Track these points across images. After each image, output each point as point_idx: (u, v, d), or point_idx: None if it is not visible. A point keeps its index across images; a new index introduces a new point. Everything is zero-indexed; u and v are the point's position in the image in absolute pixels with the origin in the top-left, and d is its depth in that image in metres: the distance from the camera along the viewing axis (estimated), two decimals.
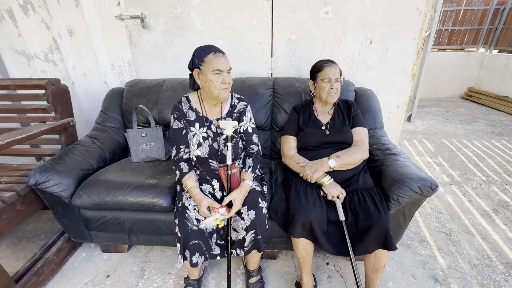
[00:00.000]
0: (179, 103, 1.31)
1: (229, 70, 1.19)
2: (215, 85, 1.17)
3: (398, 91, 2.01)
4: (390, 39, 1.85)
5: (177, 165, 1.29)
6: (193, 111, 1.30)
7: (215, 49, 1.17)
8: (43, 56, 2.03)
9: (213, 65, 1.14)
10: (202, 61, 1.16)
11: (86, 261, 1.64)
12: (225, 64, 1.16)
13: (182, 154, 1.30)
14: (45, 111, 1.54)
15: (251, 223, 1.19)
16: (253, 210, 1.21)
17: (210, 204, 1.19)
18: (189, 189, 1.24)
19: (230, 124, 1.24)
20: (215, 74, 1.15)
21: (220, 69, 1.14)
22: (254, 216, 1.20)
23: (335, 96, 1.44)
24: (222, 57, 1.16)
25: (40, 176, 1.35)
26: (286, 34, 1.88)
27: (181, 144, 1.29)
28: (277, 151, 1.83)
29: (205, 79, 1.18)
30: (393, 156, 1.46)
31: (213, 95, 1.21)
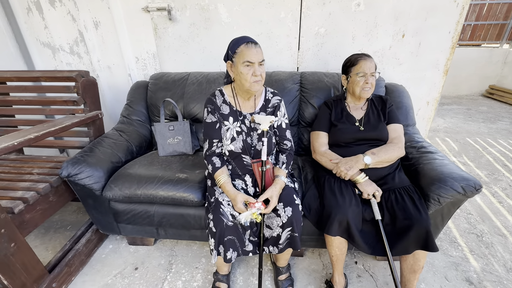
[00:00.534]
0: (212, 96, 1.29)
1: (261, 62, 1.15)
2: (245, 77, 1.14)
3: (429, 87, 1.94)
4: (424, 33, 1.77)
5: (209, 159, 1.28)
6: (227, 105, 1.28)
7: (248, 40, 1.14)
8: (68, 49, 2.03)
9: (244, 56, 1.11)
10: (234, 52, 1.14)
11: (113, 253, 1.65)
12: (256, 55, 1.12)
13: (215, 149, 1.28)
14: (75, 103, 1.54)
15: (288, 220, 1.17)
16: (289, 207, 1.18)
17: (245, 199, 1.17)
18: (221, 184, 1.22)
19: (266, 119, 1.21)
20: (245, 66, 1.12)
21: (250, 60, 1.11)
22: (291, 213, 1.17)
23: (369, 91, 1.40)
24: (254, 48, 1.12)
25: (73, 168, 1.35)
26: (315, 27, 1.83)
27: (214, 138, 1.27)
28: (303, 147, 1.80)
29: (236, 71, 1.16)
30: (429, 155, 1.41)
31: (244, 88, 1.18)
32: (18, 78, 1.53)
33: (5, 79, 1.60)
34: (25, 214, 1.23)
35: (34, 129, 1.24)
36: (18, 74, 1.53)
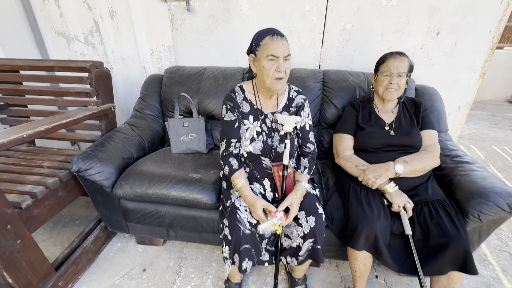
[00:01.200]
0: (232, 92, 1.20)
1: (286, 56, 1.05)
2: (267, 72, 1.04)
3: (462, 91, 1.79)
4: (460, 31, 1.63)
5: (226, 160, 1.19)
6: (247, 103, 1.19)
7: (274, 31, 1.04)
8: (83, 39, 1.98)
9: (268, 49, 1.01)
10: (258, 45, 1.05)
11: (121, 252, 1.59)
12: (282, 48, 1.02)
13: (233, 149, 1.19)
14: (88, 95, 1.48)
15: (310, 230, 1.07)
16: (312, 217, 1.08)
17: (265, 206, 1.08)
18: (239, 188, 1.14)
19: (291, 119, 1.11)
20: (269, 60, 1.03)
21: (274, 54, 1.01)
22: (314, 223, 1.07)
23: (393, 93, 1.28)
24: (280, 40, 1.02)
25: (83, 163, 1.29)
26: (341, 22, 1.71)
27: (232, 138, 1.18)
28: (324, 150, 1.69)
29: (259, 65, 1.07)
30: (466, 165, 1.28)
31: (265, 84, 1.09)
32: (31, 67, 1.48)
33: (18, 68, 1.55)
34: (33, 210, 1.18)
35: (45, 121, 1.18)
36: (31, 63, 1.48)
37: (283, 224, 1.06)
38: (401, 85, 1.27)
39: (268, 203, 1.08)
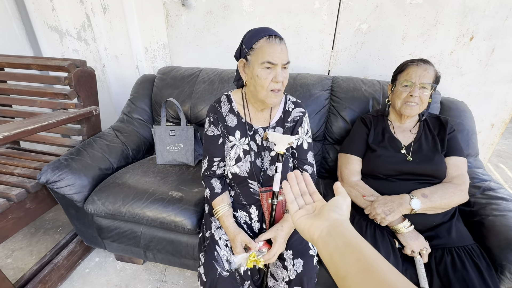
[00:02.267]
0: (217, 102, 1.02)
1: (285, 64, 0.86)
2: (262, 83, 0.85)
3: (497, 106, 1.52)
4: (500, 36, 1.36)
5: (208, 182, 1.02)
6: (235, 115, 1.00)
7: (271, 32, 0.85)
8: (76, 34, 1.86)
9: (264, 55, 0.82)
10: (250, 48, 0.85)
11: (98, 269, 1.46)
12: (281, 55, 0.83)
13: (216, 169, 1.01)
14: (66, 97, 1.34)
15: (297, 277, 0.87)
16: (301, 259, 0.89)
17: (247, 242, 0.89)
18: (220, 216, 0.96)
19: (284, 139, 0.91)
20: (264, 68, 0.84)
21: (272, 61, 0.82)
22: (302, 268, 0.88)
23: (414, 108, 1.05)
24: (278, 44, 0.83)
25: (52, 174, 1.15)
26: (356, 22, 1.48)
27: (215, 156, 1.00)
28: (328, 168, 1.48)
29: (251, 73, 0.87)
30: (502, 202, 1.04)
31: (258, 96, 0.90)
32: (8, 64, 1.37)
33: None
34: None
35: (8, 127, 1.05)
36: (8, 60, 1.36)
37: (265, 258, 0.87)
38: (424, 98, 1.05)
39: (250, 240, 0.90)
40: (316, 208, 0.50)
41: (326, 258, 0.39)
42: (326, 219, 0.43)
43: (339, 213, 0.44)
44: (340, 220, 0.43)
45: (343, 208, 0.46)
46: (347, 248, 0.37)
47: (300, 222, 0.48)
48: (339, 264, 0.37)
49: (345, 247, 0.38)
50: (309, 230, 0.45)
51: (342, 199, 0.48)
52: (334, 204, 0.46)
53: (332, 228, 0.41)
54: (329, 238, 0.40)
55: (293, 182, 0.55)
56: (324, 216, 0.44)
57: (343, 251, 0.37)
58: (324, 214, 0.45)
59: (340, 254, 0.37)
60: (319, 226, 0.43)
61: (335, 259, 0.38)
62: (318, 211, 0.48)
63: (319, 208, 0.49)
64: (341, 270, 0.36)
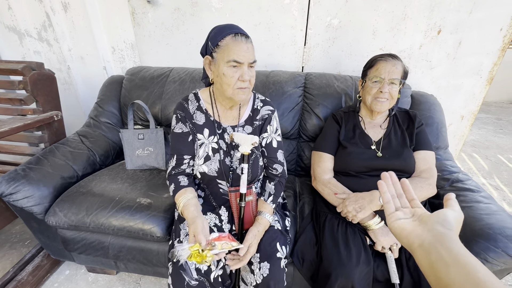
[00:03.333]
0: (184, 100, 0.98)
1: (252, 63, 0.84)
2: (228, 81, 0.83)
3: (465, 98, 1.55)
4: (466, 29, 1.39)
5: (175, 178, 0.95)
6: (203, 113, 0.97)
7: (237, 30, 0.83)
8: (36, 34, 1.75)
9: (230, 53, 0.80)
10: (216, 45, 0.83)
11: (68, 282, 1.38)
12: (246, 53, 0.81)
13: (185, 167, 0.97)
14: (23, 103, 1.25)
15: (263, 281, 0.85)
16: (267, 263, 0.87)
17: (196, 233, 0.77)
18: (182, 207, 0.87)
19: (248, 139, 0.88)
20: (230, 67, 0.82)
21: (238, 60, 0.81)
22: (269, 271, 0.85)
23: (384, 104, 1.05)
24: (244, 43, 0.81)
25: (7, 186, 1.08)
26: (327, 18, 1.46)
27: (185, 153, 0.96)
28: (303, 166, 1.46)
29: (217, 71, 0.85)
30: (469, 194, 1.05)
31: (226, 94, 0.88)
32: None
33: None
34: None
35: None
36: None
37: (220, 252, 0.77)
38: (394, 94, 1.05)
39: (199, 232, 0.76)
40: (415, 214, 0.47)
41: (426, 267, 0.38)
42: (430, 229, 0.40)
43: (446, 226, 0.40)
44: (448, 234, 0.39)
45: (451, 221, 0.41)
46: (454, 260, 0.35)
47: (397, 226, 0.45)
48: (443, 273, 0.35)
49: (451, 259, 0.35)
50: (408, 237, 0.43)
51: (452, 212, 0.43)
52: (441, 216, 0.42)
53: (436, 240, 0.38)
54: (432, 249, 0.38)
55: (388, 181, 0.52)
56: (428, 226, 0.41)
57: (449, 262, 0.35)
58: (428, 224, 0.42)
59: (445, 265, 0.35)
60: (421, 236, 0.41)
61: (438, 268, 0.36)
62: (419, 218, 0.45)
63: (420, 215, 0.45)
64: (445, 280, 0.35)
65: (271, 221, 0.96)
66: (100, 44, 1.68)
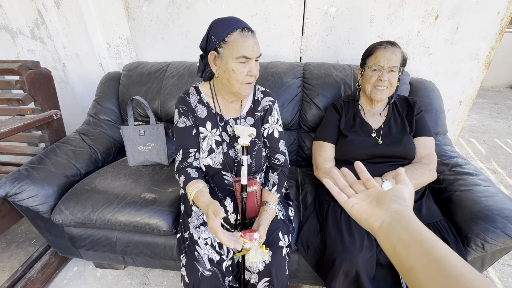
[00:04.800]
0: (186, 94, 0.98)
1: (258, 57, 0.85)
2: (237, 77, 0.84)
3: (463, 84, 1.56)
4: (464, 14, 1.38)
5: (184, 170, 0.96)
6: (204, 106, 0.97)
7: (243, 25, 0.82)
8: (29, 32, 1.72)
9: (239, 49, 0.80)
10: (223, 41, 0.81)
11: (77, 278, 1.41)
12: (254, 48, 0.83)
13: (192, 160, 0.98)
14: (21, 102, 1.24)
15: (265, 268, 0.88)
16: (269, 251, 0.89)
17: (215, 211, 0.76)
18: (195, 195, 0.87)
19: (245, 131, 0.89)
20: (239, 63, 0.82)
21: (247, 55, 0.81)
22: (270, 259, 0.88)
23: (384, 92, 1.06)
24: (252, 38, 0.82)
25: (11, 186, 1.08)
26: (323, 6, 1.45)
27: (190, 147, 0.97)
28: (304, 156, 1.48)
29: (224, 67, 0.84)
30: (468, 178, 1.07)
31: (233, 89, 0.89)
32: None
33: None
34: None
35: None
36: None
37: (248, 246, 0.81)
38: (393, 82, 1.05)
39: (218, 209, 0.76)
40: (371, 194, 0.47)
41: (389, 250, 0.38)
42: (387, 209, 0.41)
43: (401, 203, 0.41)
44: (403, 211, 0.40)
45: (406, 198, 0.42)
46: (412, 240, 0.35)
47: (356, 211, 0.46)
48: (404, 256, 0.35)
49: (410, 239, 0.36)
50: (368, 220, 0.43)
51: (404, 187, 0.44)
52: (396, 194, 0.43)
53: (394, 219, 0.39)
54: (391, 229, 0.38)
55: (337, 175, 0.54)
56: (385, 206, 0.42)
57: (408, 243, 0.35)
58: (384, 203, 0.42)
59: (405, 246, 0.35)
60: (380, 217, 0.41)
61: (399, 250, 0.36)
62: (376, 198, 0.45)
63: (376, 195, 0.46)
64: (407, 263, 0.34)
65: (276, 211, 0.98)
66: (95, 40, 1.65)
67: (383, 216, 0.41)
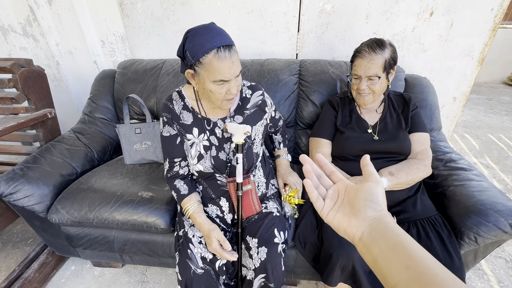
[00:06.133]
0: (169, 101, 0.96)
1: (237, 75, 0.81)
2: (216, 96, 0.82)
3: (458, 80, 1.58)
4: (458, 10, 1.39)
5: (172, 184, 0.98)
6: (189, 112, 0.95)
7: (218, 43, 0.74)
8: (21, 29, 1.69)
9: (215, 73, 0.76)
10: (198, 61, 0.75)
11: (75, 277, 1.41)
12: (232, 69, 0.77)
13: (178, 169, 0.98)
14: (14, 101, 1.22)
15: (261, 264, 0.89)
16: (265, 247, 0.90)
17: (221, 241, 0.88)
18: (191, 214, 0.94)
19: (240, 129, 0.88)
20: (217, 85, 0.79)
21: (224, 79, 0.77)
22: (266, 256, 0.89)
23: (366, 98, 1.06)
24: (229, 58, 0.75)
25: (6, 186, 1.07)
26: (319, 3, 1.45)
27: (175, 156, 0.96)
28: (301, 153, 1.47)
29: (202, 86, 0.82)
30: (462, 173, 1.09)
31: (213, 105, 0.89)
32: None
33: None
34: None
35: None
36: None
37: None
38: (375, 88, 1.03)
39: (224, 238, 0.88)
40: (339, 191, 0.43)
41: (371, 263, 0.35)
42: (364, 218, 0.38)
43: (376, 208, 0.38)
44: (379, 218, 0.37)
45: (379, 200, 0.38)
46: (392, 251, 0.33)
47: (334, 221, 0.41)
48: (386, 271, 0.32)
49: (390, 251, 0.33)
50: (347, 231, 0.39)
51: (375, 186, 0.39)
52: (367, 197, 0.39)
53: (372, 228, 0.36)
54: (371, 242, 0.35)
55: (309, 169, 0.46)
56: (361, 215, 0.38)
57: (388, 256, 0.33)
58: (360, 211, 0.38)
59: (386, 260, 0.33)
60: (359, 228, 0.38)
61: (381, 265, 0.33)
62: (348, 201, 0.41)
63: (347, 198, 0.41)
64: (390, 279, 0.32)
65: (288, 159, 1.21)
66: (89, 37, 1.63)
67: (362, 226, 0.37)
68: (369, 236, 0.36)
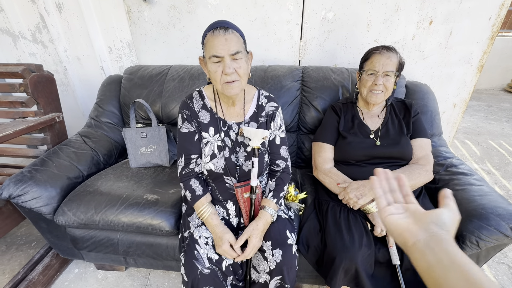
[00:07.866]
0: (189, 99, 0.99)
1: (234, 54, 0.81)
2: (214, 77, 0.85)
3: (457, 87, 1.60)
4: (457, 19, 1.43)
5: (187, 183, 0.99)
6: (207, 111, 0.99)
7: (217, 24, 0.82)
8: (30, 36, 1.73)
9: (210, 49, 0.82)
10: (203, 44, 0.85)
11: (78, 280, 1.41)
12: (225, 45, 0.79)
13: (194, 167, 0.99)
14: (24, 105, 1.25)
15: (276, 266, 0.90)
16: (279, 249, 0.91)
17: (233, 244, 0.91)
18: (206, 218, 0.95)
19: (258, 134, 0.91)
20: (213, 63, 0.83)
21: (216, 54, 0.80)
22: (281, 257, 0.90)
23: (379, 96, 1.09)
24: (222, 35, 0.79)
25: (15, 188, 1.09)
26: (321, 11, 1.49)
27: (192, 153, 0.99)
28: (304, 158, 1.50)
29: (207, 69, 0.87)
30: (463, 177, 1.11)
31: (218, 90, 0.92)
32: None
33: None
34: None
35: None
36: None
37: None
38: (389, 86, 1.08)
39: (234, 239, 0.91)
40: (409, 209, 0.45)
41: (422, 268, 0.37)
42: (426, 229, 0.39)
43: (442, 227, 0.39)
44: (442, 235, 0.38)
45: (447, 223, 0.40)
46: (452, 265, 0.34)
47: (391, 222, 0.43)
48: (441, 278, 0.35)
49: (450, 264, 0.35)
50: (402, 234, 0.41)
51: (447, 212, 0.41)
52: (438, 217, 0.40)
53: (432, 241, 0.37)
54: (427, 250, 0.37)
55: (381, 176, 0.50)
56: (424, 226, 0.40)
57: (448, 267, 0.34)
58: (423, 223, 0.40)
59: (443, 269, 0.35)
60: (416, 234, 0.39)
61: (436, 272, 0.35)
62: (413, 214, 0.43)
63: (414, 212, 0.43)
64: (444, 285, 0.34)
65: (272, 214, 0.97)
66: (97, 44, 1.68)
67: (420, 235, 0.39)
68: (425, 245, 0.38)
